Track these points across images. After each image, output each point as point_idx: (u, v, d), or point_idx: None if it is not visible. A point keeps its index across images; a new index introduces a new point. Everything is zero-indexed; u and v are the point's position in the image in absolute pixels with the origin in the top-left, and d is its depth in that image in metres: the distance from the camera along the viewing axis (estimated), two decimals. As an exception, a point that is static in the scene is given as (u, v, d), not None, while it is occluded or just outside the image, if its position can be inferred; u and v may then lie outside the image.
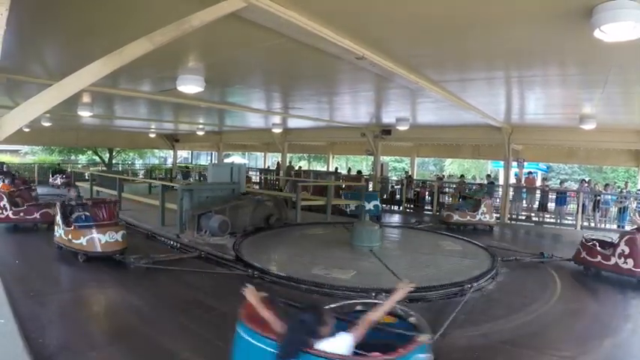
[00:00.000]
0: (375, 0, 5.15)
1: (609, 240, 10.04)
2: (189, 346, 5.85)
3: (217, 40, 6.93)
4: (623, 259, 9.37)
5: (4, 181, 18.80)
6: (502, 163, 20.66)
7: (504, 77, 9.46)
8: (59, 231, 10.26)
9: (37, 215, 13.22)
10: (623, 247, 9.39)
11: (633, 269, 9.20)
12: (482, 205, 15.95)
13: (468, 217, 15.86)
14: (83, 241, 9.72)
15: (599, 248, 9.94)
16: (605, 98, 10.46)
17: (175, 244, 11.91)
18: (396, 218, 20.40)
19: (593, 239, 10.28)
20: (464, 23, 5.77)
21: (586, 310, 8.22)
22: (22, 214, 13.11)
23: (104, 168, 34.84)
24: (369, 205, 18.18)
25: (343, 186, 22.53)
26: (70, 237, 9.90)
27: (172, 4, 5.20)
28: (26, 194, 14.82)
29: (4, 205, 12.81)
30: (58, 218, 10.33)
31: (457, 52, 7.46)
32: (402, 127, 17.00)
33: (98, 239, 9.76)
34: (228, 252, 10.55)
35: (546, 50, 6.92)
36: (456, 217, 15.90)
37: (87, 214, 10.44)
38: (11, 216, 12.90)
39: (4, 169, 20.90)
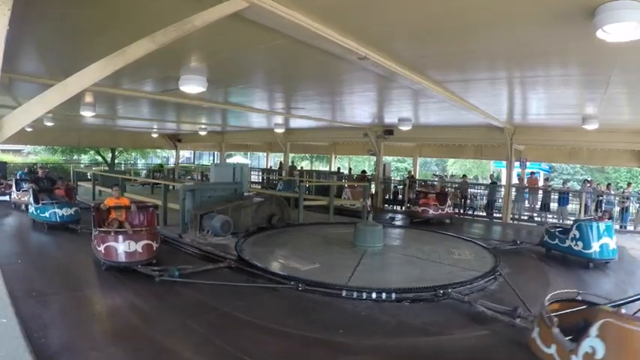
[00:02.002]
0: (378, 0, 5.14)
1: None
2: (191, 347, 5.85)
3: (220, 40, 6.94)
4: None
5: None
6: (504, 163, 20.65)
7: (507, 77, 9.46)
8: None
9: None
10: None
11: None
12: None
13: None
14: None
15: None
16: (607, 98, 10.44)
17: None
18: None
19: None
20: (467, 24, 5.77)
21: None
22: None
23: (106, 168, 34.90)
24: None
25: (346, 185, 22.58)
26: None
27: (175, 4, 5.21)
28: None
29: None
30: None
31: (460, 53, 7.46)
32: (405, 128, 17.01)
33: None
34: (231, 252, 10.54)
35: (549, 50, 6.91)
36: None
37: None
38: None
39: (42, 174, 17.65)
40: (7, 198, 18.70)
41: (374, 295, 7.87)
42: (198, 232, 12.20)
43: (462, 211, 21.10)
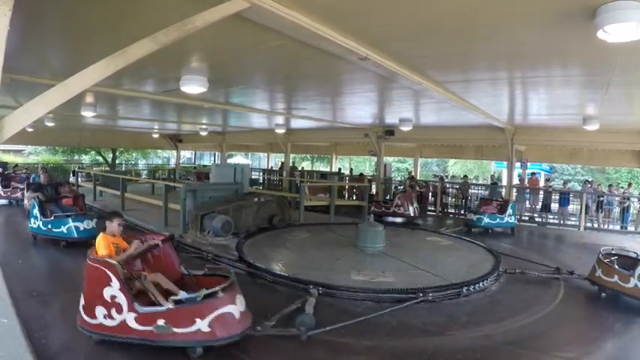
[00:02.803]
0: (379, 1, 5.15)
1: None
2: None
3: (221, 40, 6.94)
4: None
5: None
6: (505, 163, 20.65)
7: (508, 78, 9.46)
8: None
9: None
10: None
11: None
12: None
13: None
14: None
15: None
16: (608, 99, 10.44)
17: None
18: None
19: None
20: (467, 24, 5.78)
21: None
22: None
23: (107, 168, 34.93)
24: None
25: (347, 186, 22.59)
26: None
27: (176, 4, 5.21)
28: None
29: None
30: None
31: (461, 53, 7.46)
32: (406, 128, 17.01)
33: None
34: (231, 252, 10.53)
35: (550, 51, 6.91)
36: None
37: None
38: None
39: (45, 179, 14.88)
40: (4, 202, 18.53)
41: (374, 296, 7.87)
42: (199, 233, 12.20)
43: (462, 212, 21.13)
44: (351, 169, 31.25)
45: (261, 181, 29.16)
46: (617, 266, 8.17)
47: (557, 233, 17.03)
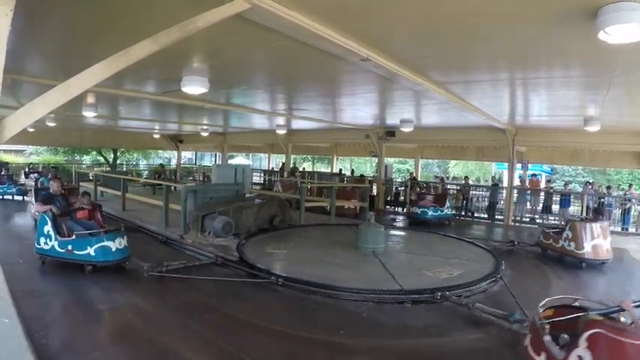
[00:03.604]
0: (380, 1, 5.15)
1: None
2: (192, 347, 5.85)
3: (222, 41, 6.94)
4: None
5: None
6: (506, 165, 20.64)
7: (509, 79, 9.47)
8: None
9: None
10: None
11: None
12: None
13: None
14: None
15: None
16: (609, 100, 10.44)
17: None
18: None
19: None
20: (468, 25, 5.78)
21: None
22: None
23: (108, 168, 34.94)
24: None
25: (346, 187, 22.56)
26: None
27: (177, 5, 5.22)
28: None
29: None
30: None
31: (462, 54, 7.47)
32: (407, 129, 17.03)
33: None
34: (232, 253, 10.53)
35: (551, 52, 6.92)
36: None
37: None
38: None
39: (57, 188, 10.91)
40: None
41: (375, 297, 7.87)
42: (199, 233, 12.19)
43: (463, 213, 21.13)
44: (352, 170, 31.22)
45: (261, 182, 29.18)
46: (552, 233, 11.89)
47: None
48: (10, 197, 20.23)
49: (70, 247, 8.88)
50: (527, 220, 19.91)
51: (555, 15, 5.12)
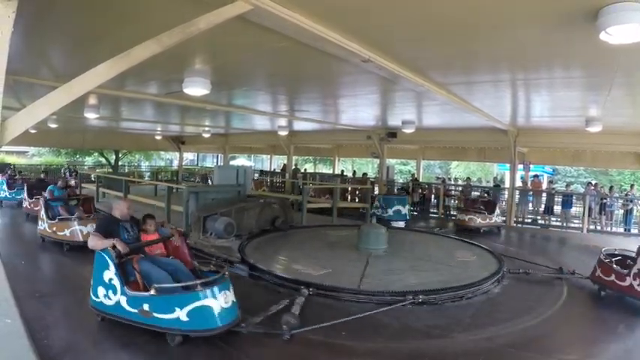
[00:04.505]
0: (382, 3, 5.16)
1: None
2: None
3: (223, 42, 6.96)
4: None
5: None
6: (508, 165, 20.62)
7: (510, 80, 9.46)
8: None
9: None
10: None
11: None
12: None
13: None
14: None
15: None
16: (611, 100, 10.43)
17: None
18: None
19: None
20: (470, 26, 5.79)
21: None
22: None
23: (110, 170, 34.99)
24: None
25: (350, 189, 22.60)
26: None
27: (179, 7, 5.22)
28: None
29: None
30: None
31: (463, 55, 7.47)
32: (408, 130, 16.99)
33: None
34: (234, 254, 10.53)
35: (552, 53, 6.92)
36: None
37: None
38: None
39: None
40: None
41: (376, 299, 7.86)
42: (201, 235, 12.20)
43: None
44: (354, 172, 31.19)
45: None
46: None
47: (560, 236, 17.05)
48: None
49: (146, 307, 5.74)
50: (529, 221, 19.90)
51: (556, 16, 5.13)
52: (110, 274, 5.93)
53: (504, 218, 18.43)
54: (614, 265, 8.26)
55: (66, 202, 11.92)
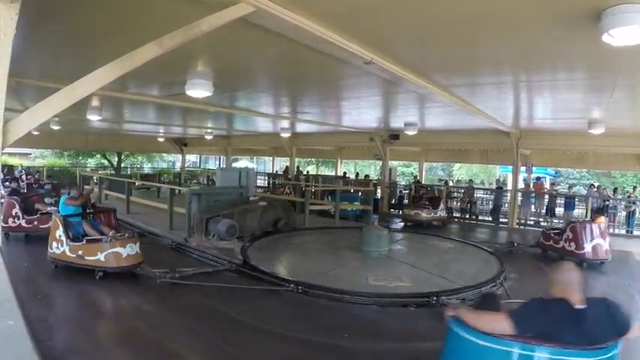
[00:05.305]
0: (384, 4, 5.15)
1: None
2: (196, 350, 5.86)
3: (226, 44, 6.96)
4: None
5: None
6: (510, 168, 20.61)
7: (513, 82, 9.46)
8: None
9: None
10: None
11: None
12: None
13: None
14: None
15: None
16: (613, 102, 10.42)
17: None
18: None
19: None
20: (472, 28, 5.78)
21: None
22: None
23: (113, 172, 35.01)
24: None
25: (352, 190, 22.59)
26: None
27: (181, 9, 5.23)
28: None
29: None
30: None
31: (466, 57, 7.46)
32: (411, 132, 17.01)
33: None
34: (236, 256, 10.53)
35: (555, 55, 6.91)
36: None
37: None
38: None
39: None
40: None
41: (379, 300, 7.85)
42: (204, 237, 12.20)
43: (468, 216, 21.17)
44: (357, 174, 31.22)
45: (265, 185, 29.24)
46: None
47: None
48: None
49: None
50: (532, 222, 19.88)
51: (559, 18, 5.12)
52: None
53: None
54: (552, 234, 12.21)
55: (85, 217, 9.67)
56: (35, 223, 11.60)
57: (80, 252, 8.52)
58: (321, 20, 5.63)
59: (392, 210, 22.81)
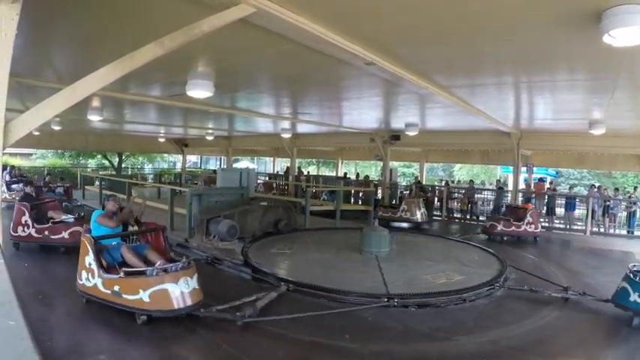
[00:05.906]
0: (385, 5, 5.16)
1: None
2: (194, 349, 5.85)
3: (227, 45, 6.96)
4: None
5: None
6: (511, 168, 20.60)
7: (513, 82, 9.47)
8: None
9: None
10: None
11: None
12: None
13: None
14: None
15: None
16: (614, 103, 10.42)
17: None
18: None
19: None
20: (473, 29, 5.79)
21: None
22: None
23: (113, 172, 35.02)
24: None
25: (353, 191, 22.60)
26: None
27: (182, 9, 5.23)
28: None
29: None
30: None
31: (466, 58, 7.48)
32: (411, 133, 17.01)
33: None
34: (237, 257, 10.53)
35: (555, 55, 6.92)
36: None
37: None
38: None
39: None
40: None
41: (380, 301, 7.83)
42: (204, 237, 12.21)
43: (468, 217, 21.16)
44: (357, 174, 31.18)
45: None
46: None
47: (562, 238, 17.01)
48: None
49: None
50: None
51: (560, 18, 5.13)
52: None
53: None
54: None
55: (126, 239, 7.50)
56: (46, 232, 10.11)
57: (117, 287, 6.33)
58: (322, 21, 5.63)
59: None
